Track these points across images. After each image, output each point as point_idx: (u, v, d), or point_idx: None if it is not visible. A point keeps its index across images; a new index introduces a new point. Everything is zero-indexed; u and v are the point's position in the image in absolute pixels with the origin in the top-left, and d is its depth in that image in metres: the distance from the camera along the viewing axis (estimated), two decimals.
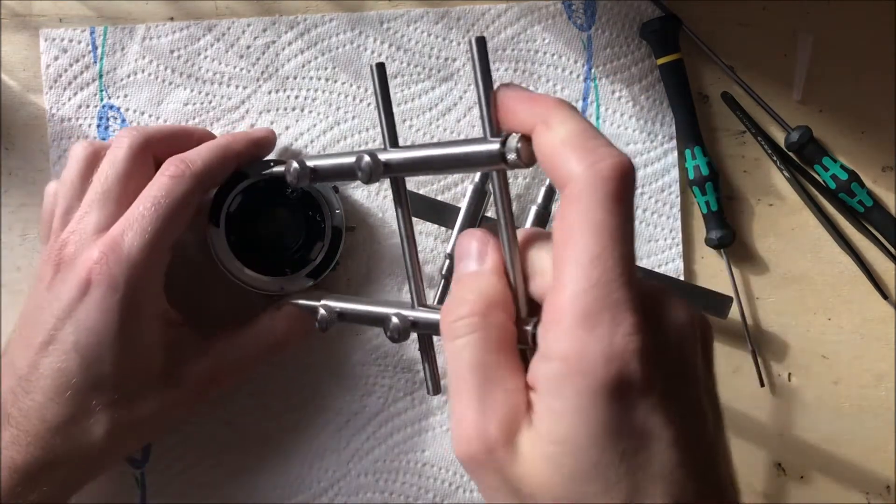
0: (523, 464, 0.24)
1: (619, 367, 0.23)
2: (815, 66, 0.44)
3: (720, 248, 0.44)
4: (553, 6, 0.44)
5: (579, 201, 0.24)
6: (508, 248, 0.27)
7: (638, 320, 0.24)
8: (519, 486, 0.24)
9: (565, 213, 0.24)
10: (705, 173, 0.43)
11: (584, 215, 0.24)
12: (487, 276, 0.28)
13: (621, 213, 0.24)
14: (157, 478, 0.44)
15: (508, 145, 0.27)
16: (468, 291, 0.27)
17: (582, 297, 0.23)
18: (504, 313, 0.27)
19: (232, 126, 0.44)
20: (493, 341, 0.26)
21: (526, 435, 0.25)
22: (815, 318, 0.45)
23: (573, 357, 0.23)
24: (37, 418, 0.35)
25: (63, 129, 0.44)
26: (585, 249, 0.24)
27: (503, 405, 0.25)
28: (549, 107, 0.26)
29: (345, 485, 0.44)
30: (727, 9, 0.44)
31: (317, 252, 0.41)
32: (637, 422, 0.23)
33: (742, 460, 0.44)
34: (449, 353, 0.27)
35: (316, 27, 0.44)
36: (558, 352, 0.24)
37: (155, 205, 0.35)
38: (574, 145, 0.25)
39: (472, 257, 0.28)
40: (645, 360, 0.23)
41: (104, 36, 0.44)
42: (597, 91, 0.44)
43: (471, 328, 0.26)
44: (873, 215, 0.44)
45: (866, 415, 0.45)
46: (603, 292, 0.23)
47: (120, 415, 0.36)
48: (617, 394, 0.23)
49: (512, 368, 0.26)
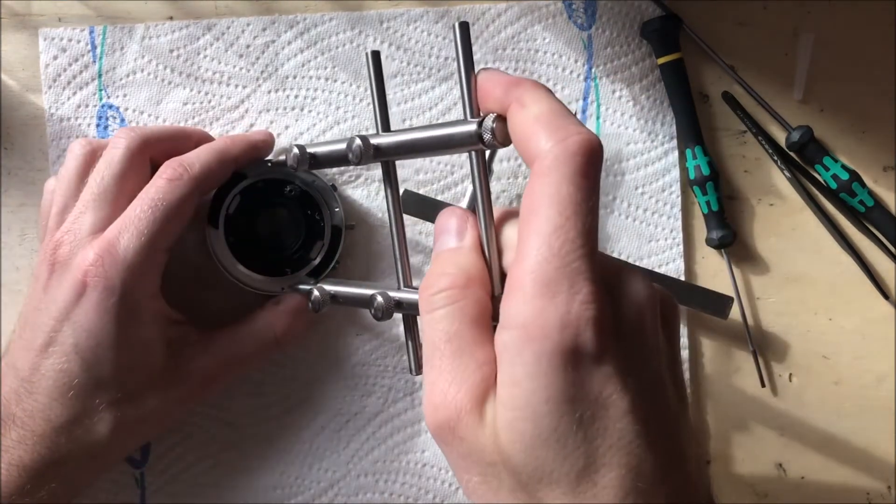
0: (487, 431, 0.25)
1: (575, 334, 0.24)
2: (815, 65, 0.44)
3: (721, 248, 0.44)
4: (553, 5, 0.44)
5: (546, 175, 0.25)
6: (485, 227, 0.28)
7: (595, 290, 0.24)
8: (483, 454, 0.25)
9: (533, 186, 0.25)
10: (706, 173, 0.43)
11: (550, 188, 0.25)
12: (467, 252, 0.28)
13: (586, 188, 0.25)
14: (157, 478, 0.44)
15: (485, 125, 0.28)
16: (448, 266, 0.28)
17: (542, 266, 0.24)
18: (481, 289, 0.27)
19: (231, 125, 0.44)
20: (468, 314, 0.27)
21: (491, 403, 0.25)
22: (816, 319, 0.45)
23: (531, 324, 0.24)
24: (42, 418, 0.35)
25: (62, 129, 0.44)
26: (548, 220, 0.24)
27: (473, 374, 0.26)
28: (523, 87, 0.27)
29: (344, 485, 0.44)
30: (728, 8, 0.44)
31: (317, 251, 0.41)
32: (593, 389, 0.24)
33: (743, 460, 0.44)
34: (425, 325, 0.27)
35: (315, 26, 0.44)
36: (518, 319, 0.24)
37: (152, 207, 0.35)
38: (545, 122, 0.25)
39: (451, 234, 0.29)
40: (600, 329, 0.24)
41: (103, 35, 0.43)
42: (597, 90, 0.44)
43: (449, 300, 0.27)
44: (874, 215, 0.44)
45: (867, 415, 0.45)
46: (563, 262, 0.24)
47: (123, 413, 0.36)
48: (572, 360, 0.24)
49: (485, 341, 0.26)
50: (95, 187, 0.37)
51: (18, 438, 0.35)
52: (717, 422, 0.44)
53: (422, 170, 0.44)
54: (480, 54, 0.44)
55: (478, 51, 0.44)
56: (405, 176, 0.44)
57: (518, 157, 0.44)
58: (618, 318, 0.25)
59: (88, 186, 0.37)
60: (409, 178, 0.44)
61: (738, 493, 0.44)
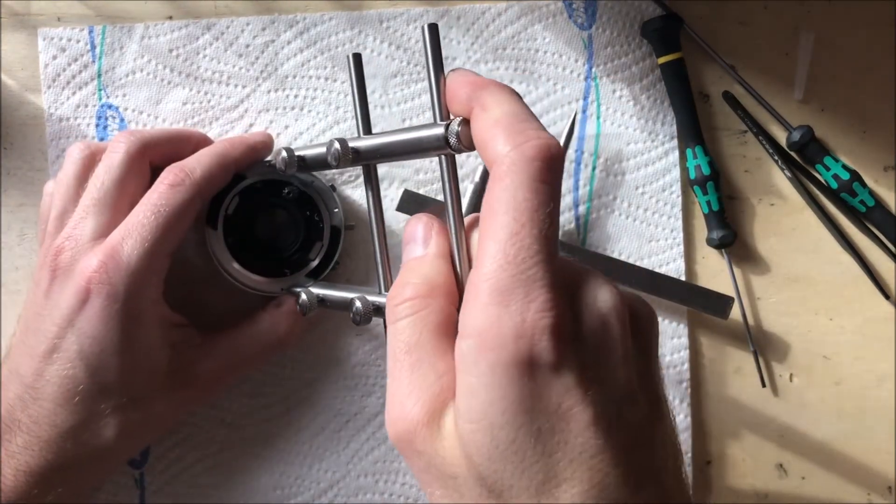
0: (445, 444, 0.24)
1: (530, 344, 0.23)
2: (816, 65, 0.44)
3: (721, 248, 0.44)
4: (553, 5, 0.44)
5: (503, 180, 0.24)
6: (455, 234, 0.28)
7: (551, 297, 0.24)
8: (442, 467, 0.25)
9: (490, 191, 0.25)
10: (706, 173, 0.43)
11: (506, 193, 0.24)
12: (431, 260, 0.28)
13: (544, 193, 0.24)
14: (157, 478, 0.44)
15: (450, 129, 0.27)
16: (412, 275, 0.27)
17: (498, 274, 0.24)
18: (445, 298, 0.27)
19: (231, 125, 0.44)
20: (431, 324, 0.26)
21: (450, 415, 0.25)
22: (817, 319, 0.45)
23: (487, 333, 0.23)
24: (47, 424, 0.35)
25: (61, 129, 0.44)
26: (504, 227, 0.24)
27: (431, 386, 0.25)
28: (486, 90, 0.26)
29: (344, 486, 0.44)
30: (728, 8, 0.44)
31: (316, 252, 0.41)
32: (551, 400, 0.23)
33: (743, 461, 0.44)
34: (389, 335, 0.27)
35: (315, 26, 0.44)
36: (474, 328, 0.24)
37: (155, 213, 0.35)
38: (504, 126, 0.25)
39: (417, 242, 0.29)
40: (557, 338, 0.23)
41: (103, 35, 0.43)
42: (597, 90, 0.44)
43: (411, 310, 0.26)
44: (875, 215, 0.44)
45: (868, 415, 0.44)
46: (518, 269, 0.24)
47: (129, 417, 0.37)
48: (528, 370, 0.23)
49: (447, 351, 0.26)
50: (96, 192, 0.37)
51: (24, 444, 0.35)
52: (717, 422, 0.44)
53: (422, 170, 0.44)
54: (480, 54, 0.44)
55: (478, 50, 0.44)
56: (405, 176, 0.44)
57: None
58: (579, 327, 0.25)
59: (88, 191, 0.37)
60: (409, 177, 0.44)
61: (739, 494, 0.44)
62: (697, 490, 0.44)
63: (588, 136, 0.44)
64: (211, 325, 0.40)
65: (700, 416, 0.44)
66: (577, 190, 0.44)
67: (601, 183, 0.44)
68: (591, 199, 0.44)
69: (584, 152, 0.44)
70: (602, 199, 0.44)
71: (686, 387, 0.44)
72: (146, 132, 0.39)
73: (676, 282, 0.43)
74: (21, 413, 0.35)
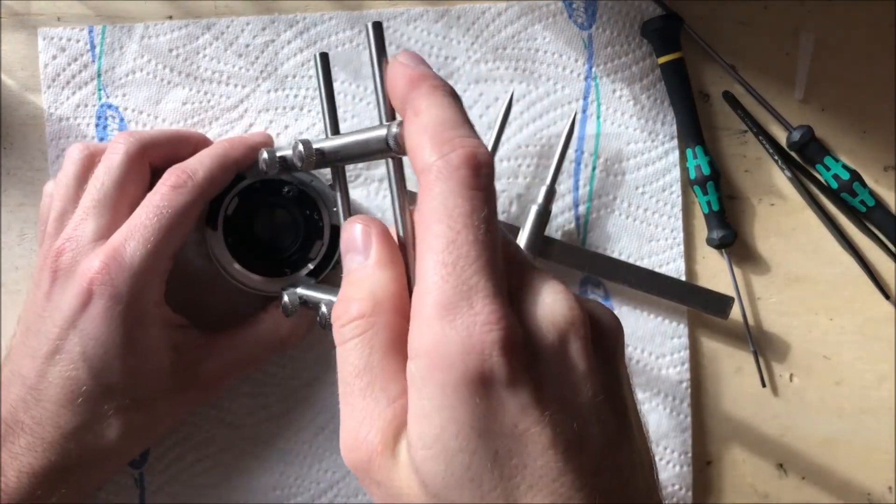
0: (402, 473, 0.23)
1: (480, 360, 0.22)
2: (816, 65, 0.44)
3: (721, 248, 0.44)
4: (553, 5, 0.44)
5: (432, 189, 0.23)
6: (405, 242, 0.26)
7: (498, 308, 0.22)
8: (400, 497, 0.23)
9: (421, 203, 0.24)
10: (706, 173, 0.43)
11: (437, 202, 0.23)
12: (373, 272, 0.26)
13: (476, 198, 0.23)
14: (156, 478, 0.44)
15: (389, 132, 0.26)
16: (354, 290, 0.26)
17: (439, 286, 0.22)
18: (393, 313, 0.25)
19: (231, 125, 0.44)
20: (380, 344, 0.25)
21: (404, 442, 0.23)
22: (817, 319, 0.45)
23: (434, 351, 0.22)
24: (51, 425, 0.35)
25: (61, 129, 0.44)
26: (439, 235, 0.23)
27: (384, 411, 0.24)
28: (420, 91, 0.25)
29: (344, 486, 0.44)
30: (728, 7, 0.44)
31: (316, 251, 0.41)
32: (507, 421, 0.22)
33: (743, 461, 0.44)
34: (338, 358, 0.25)
35: (315, 26, 0.44)
36: (421, 346, 0.22)
37: (157, 215, 0.35)
38: (432, 134, 0.24)
39: (357, 250, 0.27)
40: (508, 352, 0.22)
41: (102, 35, 0.43)
42: (598, 90, 0.44)
43: (357, 331, 0.25)
44: (875, 215, 0.44)
45: (868, 415, 0.44)
46: (459, 280, 0.22)
47: (132, 418, 0.37)
48: (480, 389, 0.22)
49: (399, 371, 0.24)
50: (96, 193, 0.37)
51: (28, 445, 0.35)
52: (717, 422, 0.44)
53: None
54: (480, 54, 0.44)
55: (478, 50, 0.44)
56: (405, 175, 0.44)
57: (518, 156, 0.44)
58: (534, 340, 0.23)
59: (88, 192, 0.37)
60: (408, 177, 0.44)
61: (739, 494, 0.44)
62: (697, 490, 0.44)
63: (588, 135, 0.44)
64: (212, 325, 0.40)
65: (700, 416, 0.44)
66: (577, 190, 0.44)
67: (601, 183, 0.44)
68: (591, 198, 0.44)
69: (584, 152, 0.44)
70: (602, 198, 0.44)
71: (686, 387, 0.44)
72: (145, 133, 0.39)
73: (676, 282, 0.43)
74: (24, 414, 0.35)
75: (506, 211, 0.44)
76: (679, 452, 0.44)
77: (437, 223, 0.23)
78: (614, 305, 0.44)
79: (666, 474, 0.44)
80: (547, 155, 0.44)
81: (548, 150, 0.44)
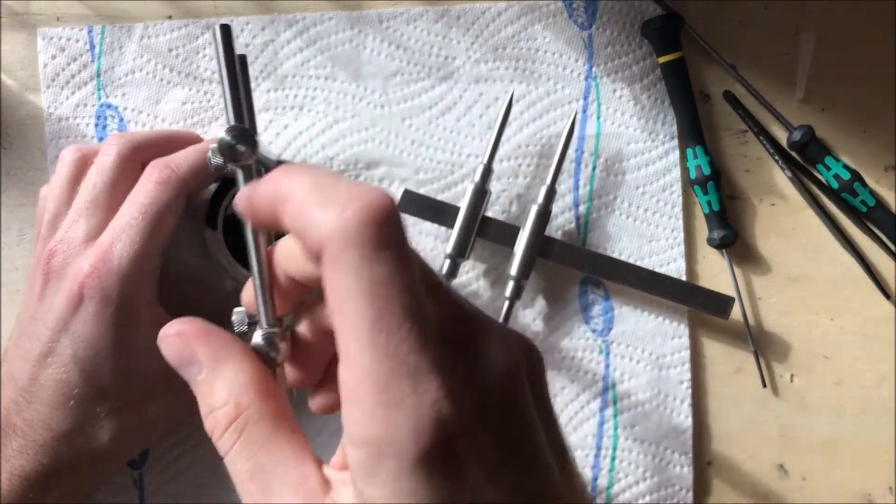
0: None
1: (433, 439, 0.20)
2: (817, 64, 0.44)
3: (722, 248, 0.44)
4: (553, 5, 0.44)
5: (338, 265, 0.21)
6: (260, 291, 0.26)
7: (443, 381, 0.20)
8: None
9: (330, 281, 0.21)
10: (707, 173, 0.43)
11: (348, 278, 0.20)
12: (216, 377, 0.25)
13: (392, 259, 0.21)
14: (156, 479, 0.43)
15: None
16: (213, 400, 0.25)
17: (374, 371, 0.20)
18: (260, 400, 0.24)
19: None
20: (261, 440, 0.24)
21: None
22: (818, 319, 0.45)
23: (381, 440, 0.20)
24: (42, 428, 0.35)
25: (61, 129, 0.43)
26: (362, 316, 0.20)
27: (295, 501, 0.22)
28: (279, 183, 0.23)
29: None
30: (729, 7, 0.44)
31: None
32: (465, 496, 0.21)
33: (744, 461, 0.44)
34: (229, 470, 0.24)
35: (315, 26, 0.43)
36: (364, 436, 0.21)
37: (143, 213, 0.35)
38: (314, 202, 0.21)
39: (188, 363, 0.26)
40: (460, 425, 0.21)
41: (102, 35, 0.43)
42: (598, 90, 0.44)
43: (235, 435, 0.24)
44: (876, 215, 0.44)
45: (868, 415, 0.44)
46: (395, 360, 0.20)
47: (125, 420, 0.36)
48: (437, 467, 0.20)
49: (294, 454, 0.23)
50: (88, 195, 0.37)
51: (19, 448, 0.35)
52: (717, 422, 0.44)
53: (422, 169, 0.44)
54: (480, 53, 0.44)
55: (478, 50, 0.44)
56: (405, 175, 0.44)
57: (518, 156, 0.44)
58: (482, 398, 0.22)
59: (80, 194, 0.37)
60: (409, 177, 0.44)
61: (739, 494, 0.44)
62: (698, 490, 0.44)
63: (588, 135, 0.44)
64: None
65: (700, 416, 0.44)
66: (577, 190, 0.44)
67: (601, 183, 0.44)
68: (591, 198, 0.44)
69: (584, 152, 0.44)
70: (602, 198, 0.44)
71: (686, 387, 0.44)
72: (138, 134, 0.39)
73: (677, 282, 0.43)
74: (16, 417, 0.35)
75: (506, 211, 0.44)
76: (679, 453, 0.43)
77: (356, 302, 0.20)
78: (614, 305, 0.44)
79: (666, 475, 0.44)
80: (547, 155, 0.44)
81: (548, 149, 0.44)
